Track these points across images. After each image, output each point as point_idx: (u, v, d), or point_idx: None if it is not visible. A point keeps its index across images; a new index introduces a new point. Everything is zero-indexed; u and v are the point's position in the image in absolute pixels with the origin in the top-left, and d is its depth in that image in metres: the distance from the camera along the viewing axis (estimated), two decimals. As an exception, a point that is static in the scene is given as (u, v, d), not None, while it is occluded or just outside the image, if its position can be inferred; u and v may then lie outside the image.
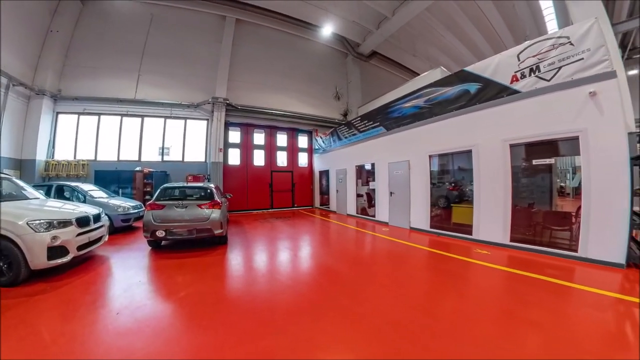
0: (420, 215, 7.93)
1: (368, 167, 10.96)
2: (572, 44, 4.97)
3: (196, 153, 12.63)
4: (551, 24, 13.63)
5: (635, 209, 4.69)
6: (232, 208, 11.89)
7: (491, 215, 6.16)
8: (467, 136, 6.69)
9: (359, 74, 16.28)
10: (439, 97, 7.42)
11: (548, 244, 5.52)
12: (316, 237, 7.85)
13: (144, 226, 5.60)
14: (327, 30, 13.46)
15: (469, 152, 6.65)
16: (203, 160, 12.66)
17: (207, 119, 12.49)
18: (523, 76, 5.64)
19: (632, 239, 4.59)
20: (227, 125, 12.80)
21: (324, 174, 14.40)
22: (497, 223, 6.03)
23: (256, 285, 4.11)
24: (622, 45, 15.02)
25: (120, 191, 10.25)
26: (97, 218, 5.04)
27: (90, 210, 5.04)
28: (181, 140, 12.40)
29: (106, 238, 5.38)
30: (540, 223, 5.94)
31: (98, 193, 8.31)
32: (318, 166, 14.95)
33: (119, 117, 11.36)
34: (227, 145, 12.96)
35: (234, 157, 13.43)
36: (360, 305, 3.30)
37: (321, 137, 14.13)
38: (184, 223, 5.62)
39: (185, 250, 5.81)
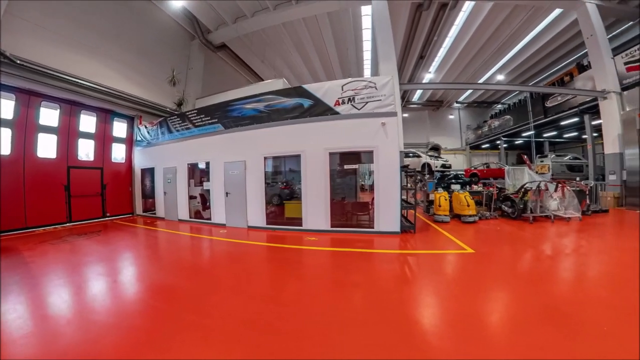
0: (256, 214, 8.20)
1: (202, 165, 9.96)
2: (376, 89, 7.02)
3: None
4: (367, 71, 18.00)
5: (403, 198, 7.26)
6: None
7: (316, 208, 7.42)
8: (298, 142, 7.63)
9: (203, 62, 14.66)
10: (277, 105, 7.93)
11: (356, 225, 7.59)
12: (141, 252, 6.28)
13: None
14: (178, 1, 11.42)
15: (299, 156, 7.64)
16: None
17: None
18: (343, 102, 7.20)
19: (402, 215, 7.17)
20: (-13, 85, 7.68)
21: (148, 172, 11.76)
22: (321, 214, 7.36)
23: (61, 339, 2.66)
24: (402, 98, 21.99)
25: None
26: None
27: None
28: None
29: None
30: (350, 211, 8.12)
31: None
32: (140, 162, 12.01)
33: None
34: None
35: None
36: (209, 316, 3.05)
37: (146, 127, 11.55)
38: None
39: None
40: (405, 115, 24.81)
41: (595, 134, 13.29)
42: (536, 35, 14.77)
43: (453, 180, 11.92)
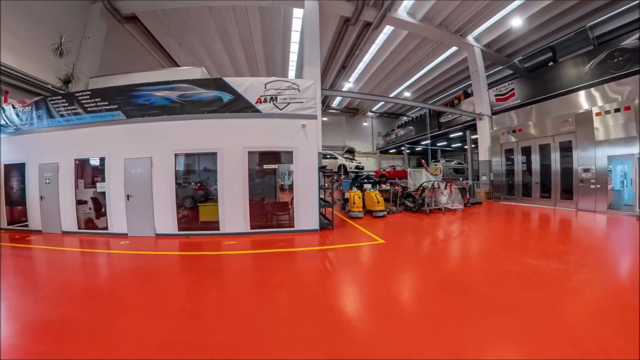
0: (166, 219, 7.27)
1: (95, 162, 8.28)
2: (299, 91, 7.25)
3: None
4: (292, 72, 18.22)
5: (321, 197, 7.88)
6: None
7: (234, 210, 7.11)
8: (215, 139, 7.19)
9: (104, 33, 11.93)
10: (193, 96, 7.28)
11: (277, 225, 7.63)
12: (8, 279, 4.52)
13: None
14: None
15: (215, 154, 7.20)
16: None
17: None
18: (265, 101, 7.17)
19: (320, 214, 7.59)
20: None
21: (16, 169, 8.95)
22: (239, 216, 7.10)
23: None
24: (323, 102, 23.12)
25: None
26: None
27: None
28: None
29: None
30: (270, 211, 8.09)
31: None
32: (4, 156, 8.97)
33: None
34: None
35: None
36: (116, 347, 2.49)
37: (15, 107, 8.98)
38: None
39: None
40: (325, 119, 26.12)
41: (473, 145, 17.75)
42: (437, 64, 18.37)
43: (365, 180, 13.10)
